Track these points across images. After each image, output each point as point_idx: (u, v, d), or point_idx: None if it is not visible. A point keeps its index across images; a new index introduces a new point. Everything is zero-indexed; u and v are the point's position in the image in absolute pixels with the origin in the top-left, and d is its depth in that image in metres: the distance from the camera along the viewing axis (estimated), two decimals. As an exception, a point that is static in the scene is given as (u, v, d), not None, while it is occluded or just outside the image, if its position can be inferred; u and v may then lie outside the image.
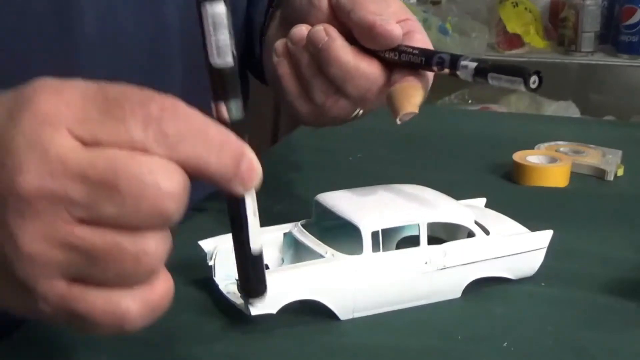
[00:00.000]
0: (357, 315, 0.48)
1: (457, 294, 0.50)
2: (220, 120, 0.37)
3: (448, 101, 2.15)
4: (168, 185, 0.33)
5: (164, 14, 0.62)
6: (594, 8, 2.01)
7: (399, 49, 0.51)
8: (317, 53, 0.52)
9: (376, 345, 0.45)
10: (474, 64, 0.47)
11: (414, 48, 0.51)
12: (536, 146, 0.81)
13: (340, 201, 0.50)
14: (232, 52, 0.36)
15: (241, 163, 0.35)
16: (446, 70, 0.49)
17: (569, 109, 2.05)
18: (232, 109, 0.37)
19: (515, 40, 2.10)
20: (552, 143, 0.83)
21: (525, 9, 2.11)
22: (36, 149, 0.33)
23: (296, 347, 0.45)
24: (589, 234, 0.61)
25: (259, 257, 0.39)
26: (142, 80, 0.62)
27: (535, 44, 2.11)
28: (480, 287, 0.51)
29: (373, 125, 0.96)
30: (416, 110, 0.49)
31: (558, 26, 2.11)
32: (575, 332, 0.46)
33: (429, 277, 0.49)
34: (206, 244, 0.51)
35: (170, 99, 0.34)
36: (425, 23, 2.10)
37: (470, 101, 2.13)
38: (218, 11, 0.36)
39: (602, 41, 2.05)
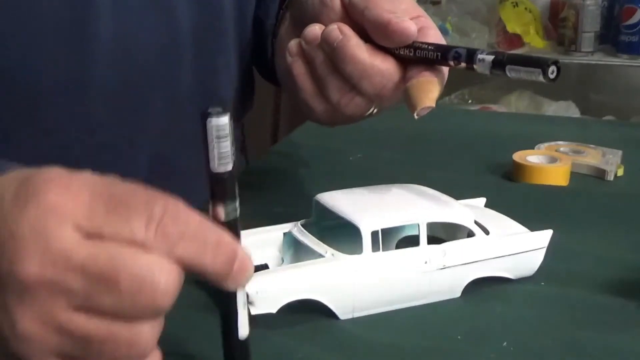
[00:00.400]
0: (356, 314, 0.48)
1: (456, 293, 0.50)
2: (216, 220, 0.38)
3: (448, 101, 2.15)
4: (164, 283, 0.35)
5: (177, 20, 0.63)
6: (594, 8, 2.01)
7: (414, 46, 0.51)
8: (332, 52, 0.52)
9: (376, 345, 0.45)
10: (491, 57, 0.48)
11: (429, 44, 0.51)
12: (536, 146, 0.81)
13: (340, 201, 0.50)
14: (232, 158, 0.38)
15: (234, 264, 0.36)
16: (463, 65, 0.50)
17: (569, 109, 2.05)
18: (229, 211, 0.38)
19: (515, 40, 2.10)
20: (552, 143, 0.83)
21: (525, 9, 2.11)
22: (40, 238, 0.34)
23: (296, 346, 0.45)
24: (589, 234, 0.61)
25: (246, 342, 0.41)
26: (153, 84, 0.62)
27: (535, 44, 2.11)
28: (480, 287, 0.51)
29: (373, 125, 0.96)
30: (433, 105, 0.50)
31: (558, 26, 2.11)
32: (575, 331, 0.47)
33: (428, 277, 0.49)
34: (206, 244, 0.51)
35: (172, 201, 0.36)
36: (425, 23, 2.10)
37: (470, 101, 2.13)
38: (222, 123, 0.37)
39: (602, 41, 2.05)
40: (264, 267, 0.51)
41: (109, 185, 0.36)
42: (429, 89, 0.50)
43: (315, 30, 0.54)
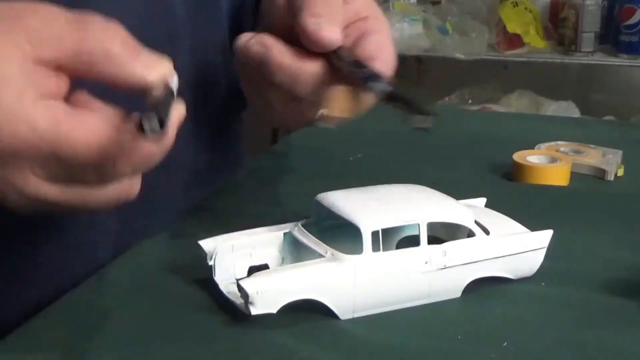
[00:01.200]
0: (357, 314, 0.48)
1: (457, 293, 0.50)
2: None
3: (448, 101, 2.15)
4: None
5: (174, 18, 0.62)
6: (594, 8, 2.01)
7: (337, 54, 0.51)
8: (259, 66, 0.52)
9: (376, 345, 0.45)
10: (380, 87, 0.47)
11: (350, 57, 0.50)
12: (536, 146, 0.81)
13: (341, 201, 0.50)
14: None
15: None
16: (364, 88, 0.49)
17: (569, 109, 2.05)
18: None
19: (515, 40, 2.10)
20: (553, 143, 0.83)
21: (525, 9, 2.12)
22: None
23: (296, 346, 0.45)
24: (589, 234, 0.61)
25: None
26: None
27: (535, 44, 2.11)
28: (480, 287, 0.51)
29: (373, 126, 0.96)
30: (343, 115, 0.49)
31: (558, 26, 2.11)
32: (575, 331, 0.47)
33: (428, 277, 0.49)
34: (206, 244, 0.51)
35: None
36: (425, 23, 2.10)
37: (470, 101, 2.13)
38: None
39: (602, 41, 2.06)
40: (265, 267, 0.51)
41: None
42: (341, 99, 0.49)
43: (241, 42, 0.54)
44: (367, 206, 0.49)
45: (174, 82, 0.41)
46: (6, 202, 0.41)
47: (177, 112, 0.41)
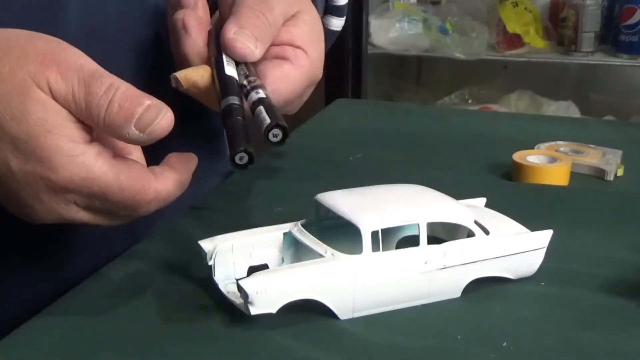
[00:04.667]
0: (356, 314, 0.48)
1: (456, 293, 0.50)
2: None
3: (448, 101, 2.15)
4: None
5: (149, 2, 0.62)
6: (594, 8, 2.01)
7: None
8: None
9: (376, 345, 0.45)
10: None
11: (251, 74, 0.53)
12: (536, 146, 0.81)
13: (340, 201, 0.50)
14: None
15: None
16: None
17: (569, 109, 2.05)
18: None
19: (515, 40, 2.10)
20: (552, 143, 0.83)
21: (525, 9, 2.11)
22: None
23: (296, 346, 0.45)
24: (589, 234, 0.61)
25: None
26: (126, 70, 0.62)
27: (535, 44, 2.11)
28: (480, 287, 0.51)
29: (373, 125, 0.97)
30: (181, 83, 0.53)
31: (558, 26, 2.11)
32: (575, 331, 0.47)
33: (428, 277, 0.49)
34: (206, 244, 0.51)
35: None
36: (425, 23, 2.10)
37: (470, 101, 2.13)
38: None
39: (602, 41, 2.06)
40: (264, 267, 0.51)
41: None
42: (194, 71, 0.54)
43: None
44: (367, 206, 0.49)
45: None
46: (32, 217, 0.47)
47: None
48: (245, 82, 0.52)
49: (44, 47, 0.44)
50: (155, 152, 0.50)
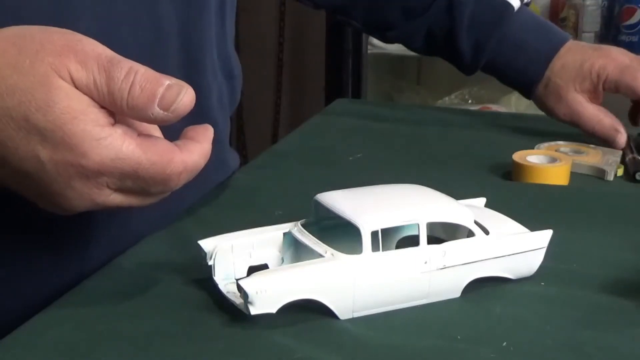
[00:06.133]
0: (356, 314, 0.48)
1: (456, 293, 0.50)
2: None
3: (448, 101, 2.15)
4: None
5: (160, 15, 0.62)
6: (594, 8, 2.01)
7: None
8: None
9: (375, 345, 0.45)
10: None
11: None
12: (536, 146, 0.81)
13: (340, 201, 0.50)
14: None
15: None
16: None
17: (569, 109, 2.05)
18: None
19: (515, 40, 2.10)
20: (552, 143, 0.83)
21: (526, 9, 2.11)
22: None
23: (295, 346, 0.45)
24: (589, 234, 0.61)
25: None
26: None
27: (535, 44, 2.11)
28: (480, 287, 0.51)
29: (373, 125, 0.97)
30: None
31: (558, 26, 2.11)
32: (574, 331, 0.47)
33: (428, 277, 0.49)
34: (206, 244, 0.51)
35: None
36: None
37: (470, 101, 2.13)
38: None
39: (602, 41, 2.05)
40: (264, 267, 0.51)
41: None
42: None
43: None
44: (366, 206, 0.49)
45: None
46: (65, 207, 0.47)
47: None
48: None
49: (60, 39, 0.45)
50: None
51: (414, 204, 0.50)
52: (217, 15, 0.70)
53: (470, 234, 0.50)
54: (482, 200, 0.60)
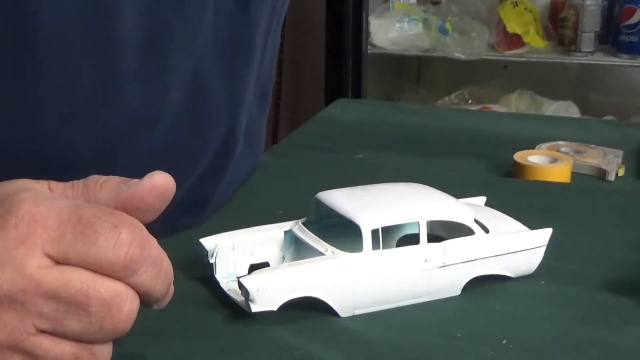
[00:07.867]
0: (357, 312, 0.48)
1: (456, 291, 0.50)
2: None
3: (448, 101, 2.15)
4: (128, 309, 0.37)
5: (208, 9, 0.60)
6: (594, 8, 2.01)
7: None
8: None
9: (376, 342, 0.45)
10: None
11: None
12: (537, 146, 0.82)
13: (341, 199, 0.50)
14: None
15: (170, 289, 0.40)
16: None
17: (569, 109, 2.05)
18: None
19: (515, 40, 2.10)
20: (553, 143, 0.83)
21: (525, 9, 2.11)
22: (9, 267, 0.35)
23: (296, 344, 0.45)
24: (589, 233, 0.61)
25: None
26: (181, 76, 0.59)
27: (535, 44, 2.11)
28: (480, 285, 0.51)
29: (373, 125, 0.97)
30: None
31: (558, 26, 2.11)
32: (574, 329, 0.47)
33: (428, 275, 0.49)
34: (207, 242, 0.51)
35: (138, 224, 0.38)
36: (425, 23, 2.10)
37: (470, 101, 2.13)
38: None
39: (602, 41, 2.05)
40: (265, 264, 0.51)
41: (77, 209, 0.37)
42: None
43: None
44: (367, 204, 0.50)
45: None
46: None
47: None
48: None
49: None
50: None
51: (414, 203, 0.50)
52: (261, 53, 0.66)
53: (470, 232, 0.51)
54: (482, 199, 0.60)
